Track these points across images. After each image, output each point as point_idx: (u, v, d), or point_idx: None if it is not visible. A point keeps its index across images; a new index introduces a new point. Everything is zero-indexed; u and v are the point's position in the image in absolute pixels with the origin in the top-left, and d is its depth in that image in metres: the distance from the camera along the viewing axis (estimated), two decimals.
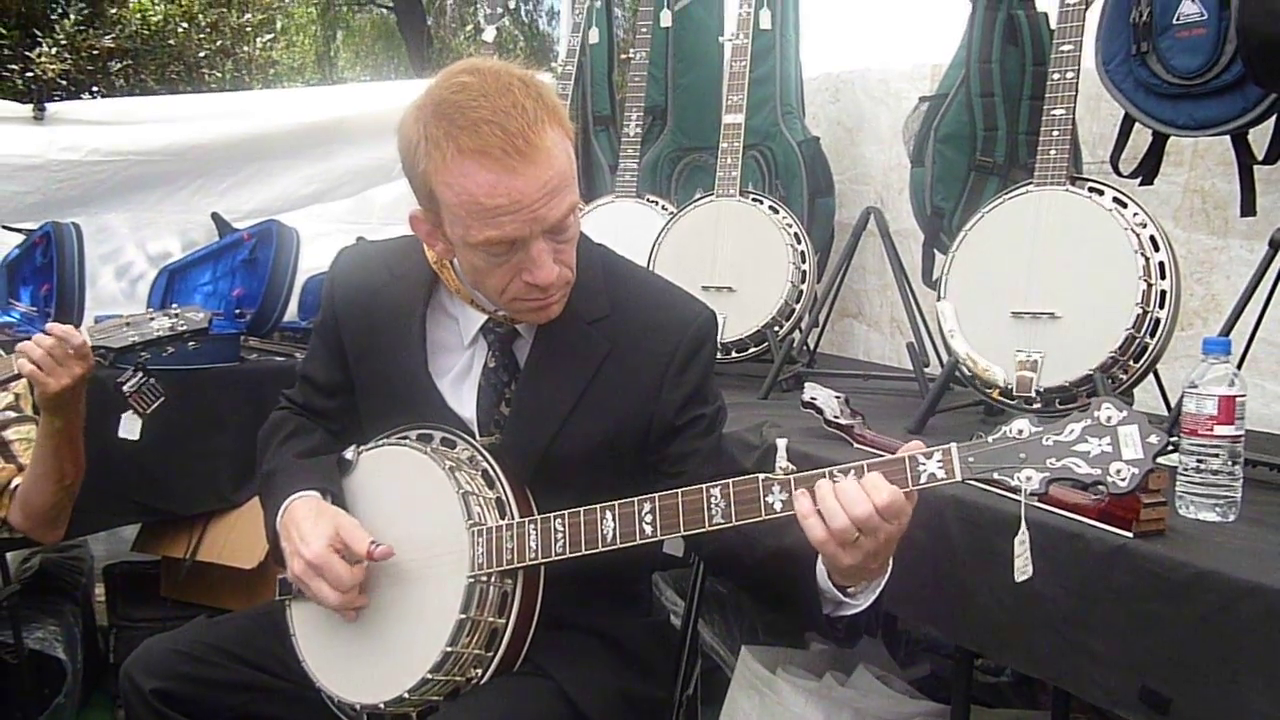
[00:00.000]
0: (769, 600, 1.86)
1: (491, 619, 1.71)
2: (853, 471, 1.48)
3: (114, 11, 8.88)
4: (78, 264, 3.41)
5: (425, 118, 1.63)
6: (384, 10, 16.85)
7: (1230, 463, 1.73)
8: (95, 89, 8.42)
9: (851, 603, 1.59)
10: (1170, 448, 1.84)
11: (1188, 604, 1.54)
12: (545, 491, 1.78)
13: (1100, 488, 1.36)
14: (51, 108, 4.10)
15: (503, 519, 1.72)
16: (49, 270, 3.43)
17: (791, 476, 1.51)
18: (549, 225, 1.64)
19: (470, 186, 1.60)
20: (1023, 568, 1.44)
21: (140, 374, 2.33)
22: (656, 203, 3.56)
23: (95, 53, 8.46)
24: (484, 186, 1.59)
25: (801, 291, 3.16)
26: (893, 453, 1.48)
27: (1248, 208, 2.42)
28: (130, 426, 2.42)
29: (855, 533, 1.45)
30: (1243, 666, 1.47)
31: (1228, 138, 2.36)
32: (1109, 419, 1.36)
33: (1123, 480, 1.34)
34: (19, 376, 2.20)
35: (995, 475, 1.40)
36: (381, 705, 1.74)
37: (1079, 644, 1.69)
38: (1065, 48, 2.39)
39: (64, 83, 8.14)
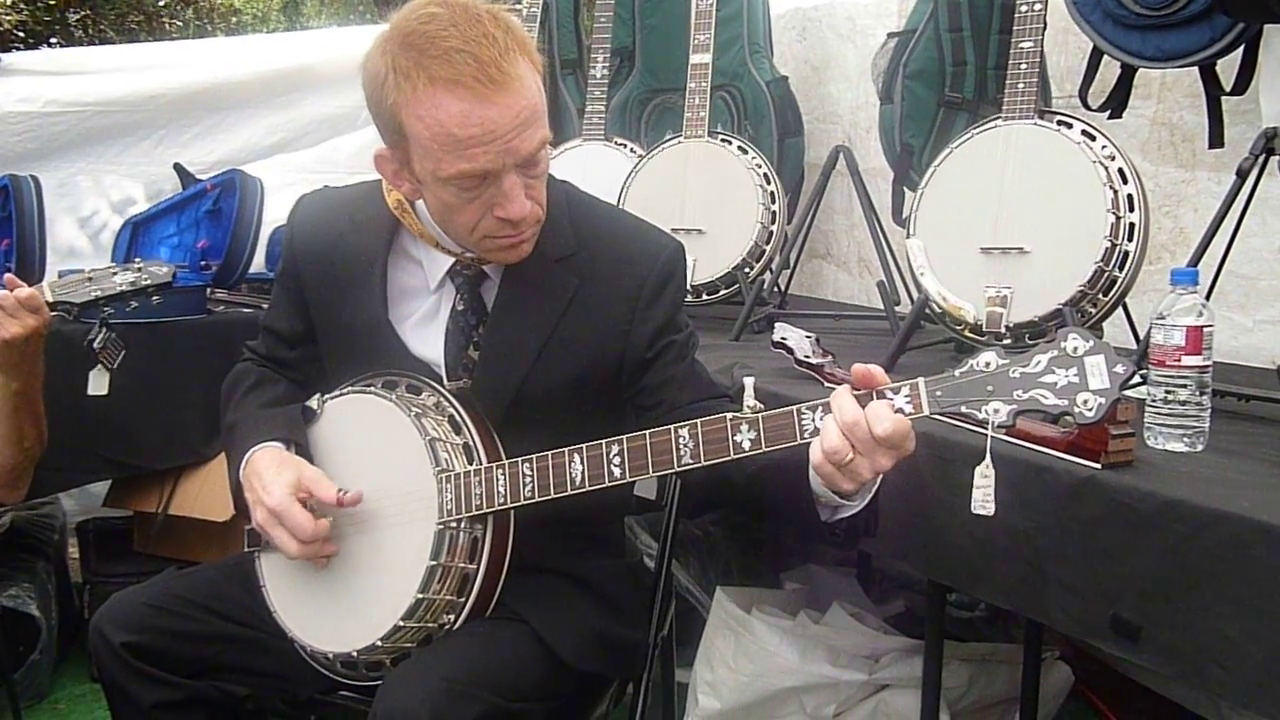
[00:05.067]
0: (766, 514, 1.83)
1: (462, 564, 1.70)
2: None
3: None
4: (37, 218, 3.34)
5: (393, 50, 1.60)
6: None
7: (1198, 393, 1.74)
8: (53, 40, 8.26)
9: (848, 504, 1.55)
10: (1139, 379, 1.85)
11: (1156, 533, 1.55)
12: (518, 432, 1.76)
13: (1068, 419, 1.36)
14: (6, 58, 4.01)
15: (470, 464, 1.71)
16: (8, 225, 3.37)
17: (759, 415, 1.50)
18: (521, 158, 1.62)
19: (442, 117, 1.57)
20: (983, 500, 1.43)
21: (104, 329, 2.30)
22: (625, 145, 3.53)
23: (52, 3, 8.30)
24: (456, 116, 1.57)
25: (771, 233, 3.14)
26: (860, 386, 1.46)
27: (1215, 139, 2.42)
28: (98, 383, 2.39)
29: (849, 450, 1.41)
30: (1211, 593, 1.49)
31: (1195, 69, 2.35)
32: (1075, 350, 1.35)
33: (1090, 410, 1.33)
34: None
35: (963, 409, 1.39)
36: (354, 654, 1.74)
37: (1049, 575, 1.70)
38: None
39: (20, 34, 7.99)
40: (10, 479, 2.33)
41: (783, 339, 2.35)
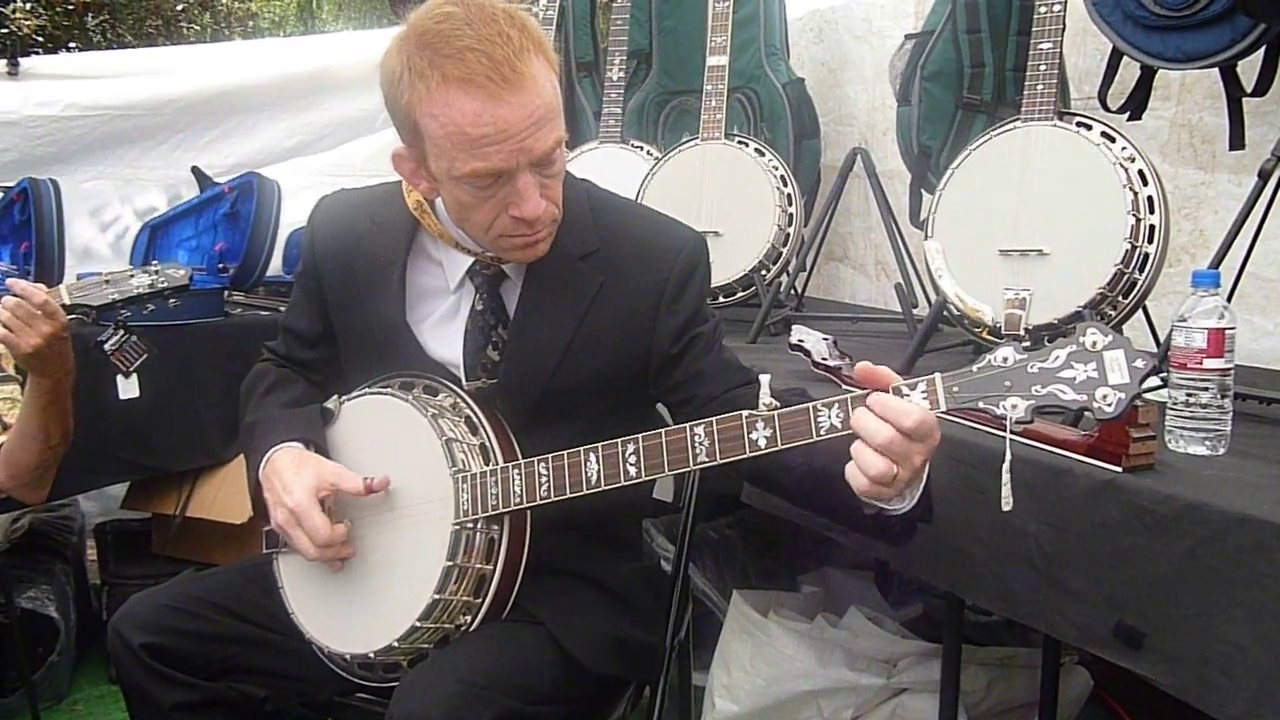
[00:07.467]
0: (818, 511, 1.78)
1: (479, 565, 1.70)
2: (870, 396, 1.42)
3: None
4: (56, 220, 3.36)
5: (408, 49, 1.60)
6: None
7: (1220, 396, 1.72)
8: (72, 44, 8.29)
9: (892, 508, 1.50)
10: (1159, 382, 1.84)
11: (1175, 537, 1.53)
12: (545, 431, 1.75)
13: (1087, 414, 1.34)
14: (26, 63, 4.03)
15: (487, 465, 1.71)
16: (27, 228, 3.39)
17: (775, 412, 1.49)
18: (536, 157, 1.62)
19: (455, 116, 1.57)
20: (1007, 496, 1.42)
21: (121, 332, 2.31)
22: (641, 148, 3.53)
23: (71, 7, 8.34)
24: (469, 115, 1.56)
25: (788, 235, 3.14)
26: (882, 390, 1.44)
27: (1236, 141, 2.40)
28: (128, 387, 2.40)
29: (892, 468, 1.38)
30: (1224, 598, 1.47)
31: (1215, 70, 2.33)
32: (1095, 344, 1.33)
33: (1109, 406, 1.31)
34: None
35: (980, 404, 1.37)
36: (371, 655, 1.74)
37: (1058, 582, 1.69)
38: None
39: (40, 39, 8.02)
40: (34, 477, 2.33)
41: (800, 341, 2.34)
